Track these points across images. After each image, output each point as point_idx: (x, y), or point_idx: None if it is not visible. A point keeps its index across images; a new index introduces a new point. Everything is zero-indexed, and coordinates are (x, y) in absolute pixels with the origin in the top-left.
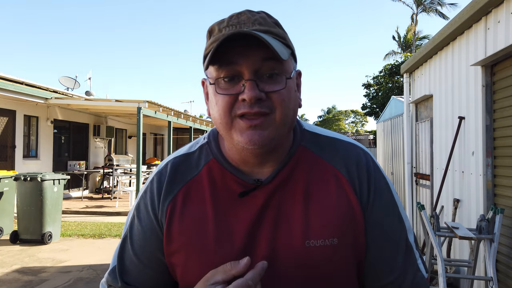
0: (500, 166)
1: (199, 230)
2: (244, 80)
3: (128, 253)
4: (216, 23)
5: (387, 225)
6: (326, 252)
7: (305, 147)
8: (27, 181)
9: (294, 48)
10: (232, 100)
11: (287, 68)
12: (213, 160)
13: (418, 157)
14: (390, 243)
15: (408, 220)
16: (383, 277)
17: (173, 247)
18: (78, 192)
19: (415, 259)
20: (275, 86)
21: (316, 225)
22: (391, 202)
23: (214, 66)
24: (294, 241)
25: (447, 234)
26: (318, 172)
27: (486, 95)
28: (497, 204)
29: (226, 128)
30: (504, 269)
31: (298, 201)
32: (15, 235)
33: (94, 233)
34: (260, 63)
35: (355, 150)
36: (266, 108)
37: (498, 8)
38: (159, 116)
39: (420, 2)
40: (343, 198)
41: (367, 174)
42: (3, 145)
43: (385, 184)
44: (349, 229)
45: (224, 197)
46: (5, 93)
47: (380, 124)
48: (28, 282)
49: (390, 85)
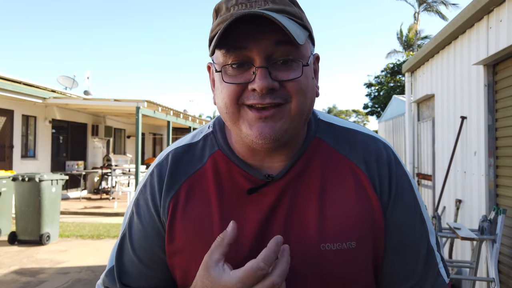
0: (502, 166)
1: (203, 229)
2: (255, 67)
3: (127, 253)
4: (223, 1)
5: (408, 227)
6: (343, 257)
7: (320, 139)
8: (25, 181)
9: (312, 30)
10: (241, 89)
11: (304, 53)
12: (219, 152)
13: (420, 157)
14: (411, 246)
15: (430, 221)
16: (402, 282)
17: (175, 247)
18: (76, 193)
19: (436, 263)
20: (290, 74)
21: (333, 227)
22: (413, 202)
23: (221, 50)
24: (308, 244)
25: (449, 234)
26: (334, 167)
27: (488, 95)
28: (499, 205)
29: (233, 119)
30: (506, 270)
31: (312, 200)
32: (13, 236)
33: (93, 234)
34: (273, 48)
35: (375, 143)
36: (279, 99)
37: (500, 7)
38: (158, 115)
39: (422, 1)
40: (362, 196)
41: (389, 170)
42: (1, 145)
43: (408, 182)
44: (369, 231)
45: (230, 193)
46: (3, 93)
47: (382, 124)
48: (26, 283)
49: (392, 85)
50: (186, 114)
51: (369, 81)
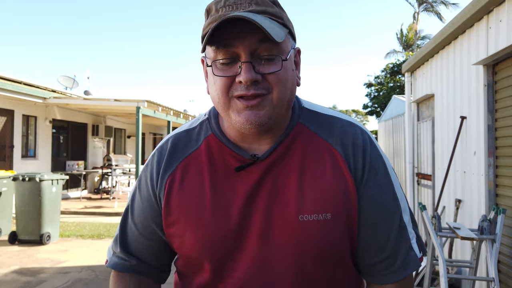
0: (502, 166)
1: (196, 202)
2: (241, 62)
3: (128, 222)
4: (213, 2)
5: (380, 204)
6: (319, 227)
7: (303, 124)
8: (26, 181)
9: (293, 27)
10: (229, 82)
11: (284, 48)
12: (212, 136)
13: (420, 157)
14: (383, 221)
15: (405, 200)
16: (375, 255)
17: (172, 219)
18: (76, 192)
19: (409, 239)
20: (271, 68)
21: (310, 200)
22: (386, 181)
23: (212, 47)
24: (288, 215)
25: (449, 234)
26: (313, 149)
27: (488, 95)
28: (499, 205)
29: (224, 108)
30: (506, 269)
31: (293, 177)
32: (13, 235)
33: (93, 234)
34: (257, 45)
35: (353, 128)
36: (262, 90)
37: (499, 7)
38: (158, 115)
39: (422, 1)
40: (338, 174)
41: (363, 152)
42: (1, 145)
43: (382, 163)
44: (343, 205)
45: (221, 171)
46: (4, 93)
47: (382, 124)
48: (27, 283)
49: (391, 85)
50: (186, 114)
51: (369, 81)
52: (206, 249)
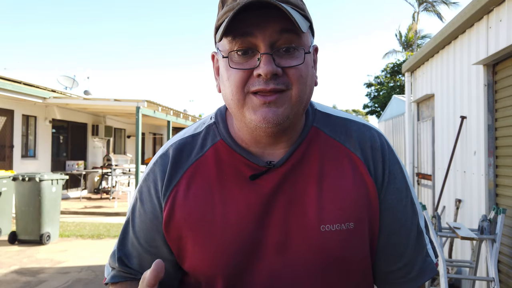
0: (502, 165)
1: (204, 214)
2: (260, 54)
3: (130, 236)
4: None
5: (400, 210)
6: (342, 237)
7: (318, 128)
8: (25, 181)
9: (312, 21)
10: (246, 76)
11: (306, 42)
12: (221, 142)
13: (420, 157)
14: (403, 228)
15: (419, 205)
16: (393, 262)
17: (178, 233)
18: (76, 192)
19: (425, 244)
20: (292, 61)
21: (331, 209)
22: (404, 186)
23: (228, 37)
24: (308, 225)
25: (449, 234)
26: (331, 154)
27: (488, 94)
28: (499, 204)
29: (238, 106)
30: (506, 269)
31: (311, 184)
32: (13, 235)
33: (93, 234)
34: (277, 36)
35: (369, 132)
36: (282, 85)
37: (499, 6)
38: (158, 115)
39: (422, 1)
40: (359, 180)
41: (382, 156)
42: (1, 145)
43: (399, 168)
44: (365, 212)
45: (232, 180)
46: (3, 93)
47: (382, 124)
48: (27, 283)
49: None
50: (186, 114)
51: (369, 81)
52: (218, 265)
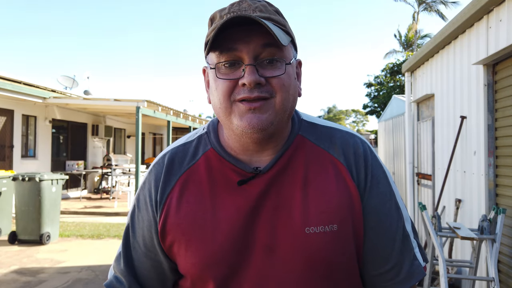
0: (502, 165)
1: (196, 220)
2: (244, 65)
3: (130, 241)
4: (218, 11)
5: (384, 213)
6: (326, 239)
7: (303, 136)
8: (25, 181)
9: (295, 37)
10: (232, 85)
11: (287, 55)
12: (211, 150)
13: (420, 157)
14: (387, 231)
15: (406, 209)
16: (380, 265)
17: (172, 238)
18: (76, 192)
19: (412, 248)
20: (274, 71)
21: (316, 212)
22: (388, 190)
23: (215, 52)
24: (294, 228)
25: (449, 234)
26: (316, 160)
27: (488, 94)
28: (499, 204)
29: (226, 113)
30: (506, 269)
31: (297, 188)
32: (13, 235)
33: (93, 234)
34: (260, 49)
35: (353, 139)
36: (265, 93)
37: (499, 6)
38: (158, 115)
39: (422, 1)
40: (342, 184)
41: (365, 161)
42: (1, 145)
43: (382, 173)
44: (348, 215)
45: (222, 186)
46: (3, 93)
47: (382, 124)
48: (27, 283)
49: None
50: (186, 114)
51: (369, 81)
52: (209, 267)
